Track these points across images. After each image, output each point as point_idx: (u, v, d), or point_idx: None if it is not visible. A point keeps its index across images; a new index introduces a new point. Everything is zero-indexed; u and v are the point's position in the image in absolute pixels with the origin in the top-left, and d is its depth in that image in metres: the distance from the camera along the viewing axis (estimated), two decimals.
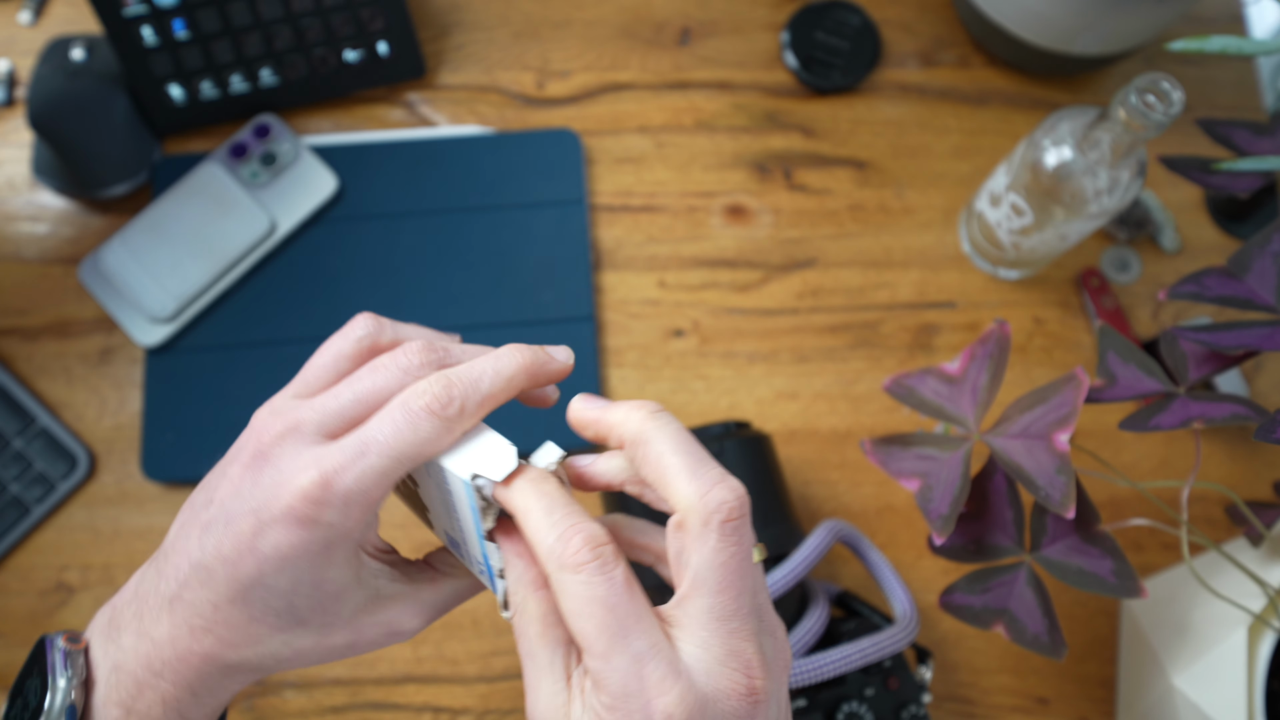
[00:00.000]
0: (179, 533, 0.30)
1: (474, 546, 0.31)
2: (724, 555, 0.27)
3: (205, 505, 0.30)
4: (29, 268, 0.59)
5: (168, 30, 0.57)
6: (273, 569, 0.28)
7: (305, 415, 0.29)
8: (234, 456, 0.30)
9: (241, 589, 0.28)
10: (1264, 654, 0.43)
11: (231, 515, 0.28)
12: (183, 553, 0.29)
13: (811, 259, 0.61)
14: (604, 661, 0.26)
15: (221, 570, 0.28)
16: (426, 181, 0.61)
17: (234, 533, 0.28)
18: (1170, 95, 0.43)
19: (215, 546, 0.28)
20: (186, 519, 0.30)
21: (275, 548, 0.28)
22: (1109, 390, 0.44)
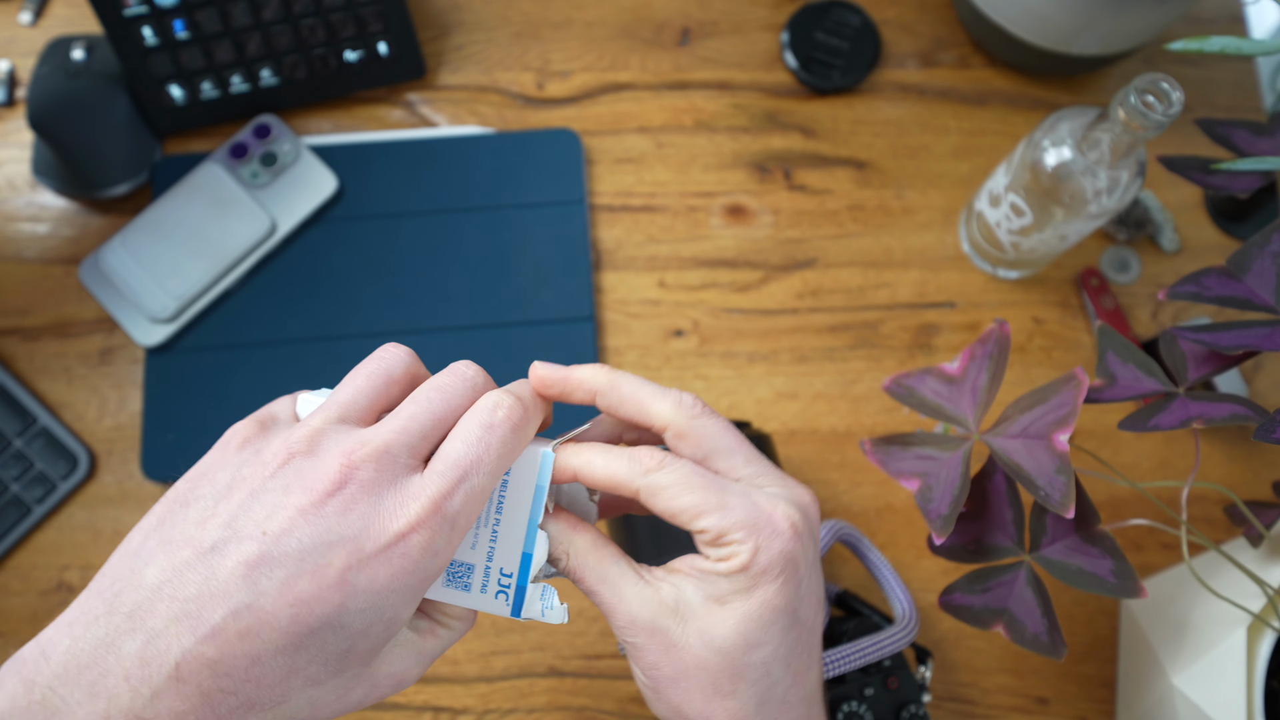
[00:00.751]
0: (163, 578, 0.25)
1: (508, 551, 0.31)
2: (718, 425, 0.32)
3: (232, 534, 0.26)
4: (29, 268, 0.59)
5: (168, 30, 0.57)
6: (361, 605, 0.26)
7: (391, 439, 0.28)
8: (286, 479, 0.27)
9: (304, 634, 0.26)
10: (1263, 654, 0.43)
11: (309, 548, 0.25)
12: (190, 596, 0.25)
13: (811, 259, 0.61)
14: (722, 510, 0.30)
15: (286, 613, 0.25)
16: (426, 181, 0.61)
17: (315, 568, 0.25)
18: (1170, 95, 0.43)
19: (281, 586, 0.25)
20: (182, 558, 0.26)
21: (373, 580, 0.26)
22: (1109, 390, 0.44)
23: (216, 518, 0.26)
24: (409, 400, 0.29)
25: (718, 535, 0.30)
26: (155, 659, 0.25)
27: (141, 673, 0.24)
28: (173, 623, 0.25)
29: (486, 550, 0.31)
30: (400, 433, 0.28)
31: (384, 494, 0.27)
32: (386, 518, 0.26)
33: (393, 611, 0.27)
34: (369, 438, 0.27)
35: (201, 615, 0.25)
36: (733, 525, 0.30)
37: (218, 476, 0.28)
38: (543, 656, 0.54)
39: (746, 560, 0.30)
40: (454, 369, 0.30)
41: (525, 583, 0.31)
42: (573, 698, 0.53)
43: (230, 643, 0.25)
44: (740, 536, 0.30)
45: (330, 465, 0.27)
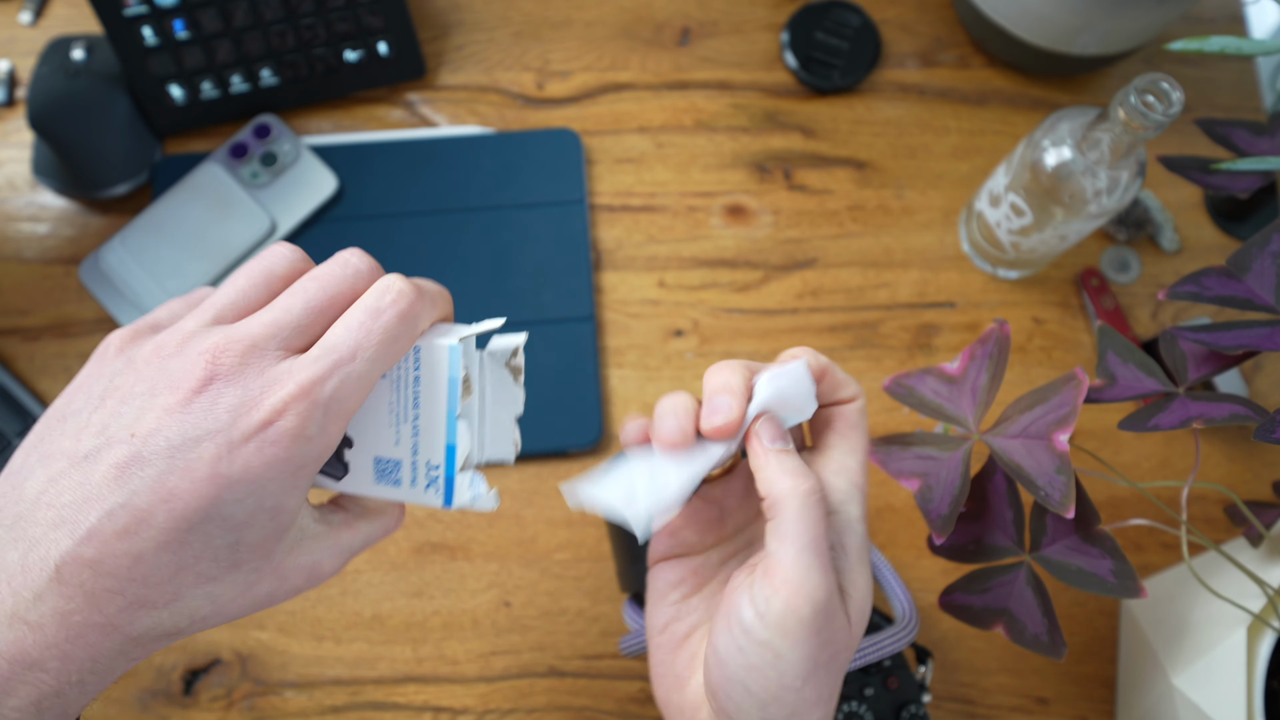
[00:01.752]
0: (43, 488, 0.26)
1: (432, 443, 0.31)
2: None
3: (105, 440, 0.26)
4: (29, 268, 0.59)
5: (168, 30, 0.57)
6: (237, 494, 0.26)
7: (259, 331, 0.27)
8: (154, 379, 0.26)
9: (184, 529, 0.25)
10: (1263, 654, 0.43)
11: (177, 445, 0.25)
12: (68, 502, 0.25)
13: (811, 259, 0.61)
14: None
15: (161, 510, 0.25)
16: (426, 181, 0.61)
17: (185, 463, 0.25)
18: (1170, 95, 0.43)
19: (153, 484, 0.25)
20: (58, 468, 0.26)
21: (246, 469, 0.25)
22: (1109, 390, 0.44)
23: (90, 427, 0.26)
24: (285, 293, 0.28)
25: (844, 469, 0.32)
26: (35, 564, 0.25)
27: (23, 578, 0.25)
28: (51, 529, 0.25)
29: (410, 445, 0.31)
30: (269, 325, 0.27)
31: (249, 383, 0.26)
32: (252, 406, 0.26)
33: (273, 500, 0.26)
34: (236, 332, 0.27)
35: (78, 519, 0.25)
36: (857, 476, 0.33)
37: (92, 388, 0.28)
38: (543, 656, 0.54)
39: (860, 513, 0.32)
40: (338, 257, 0.29)
41: (453, 473, 0.31)
42: (573, 698, 0.53)
43: (109, 542, 0.25)
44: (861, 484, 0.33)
45: (195, 362, 0.26)
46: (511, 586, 0.55)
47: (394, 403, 0.31)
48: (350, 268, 0.29)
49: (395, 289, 0.29)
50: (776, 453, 0.30)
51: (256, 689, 0.53)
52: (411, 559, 0.55)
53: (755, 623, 0.28)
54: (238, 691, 0.53)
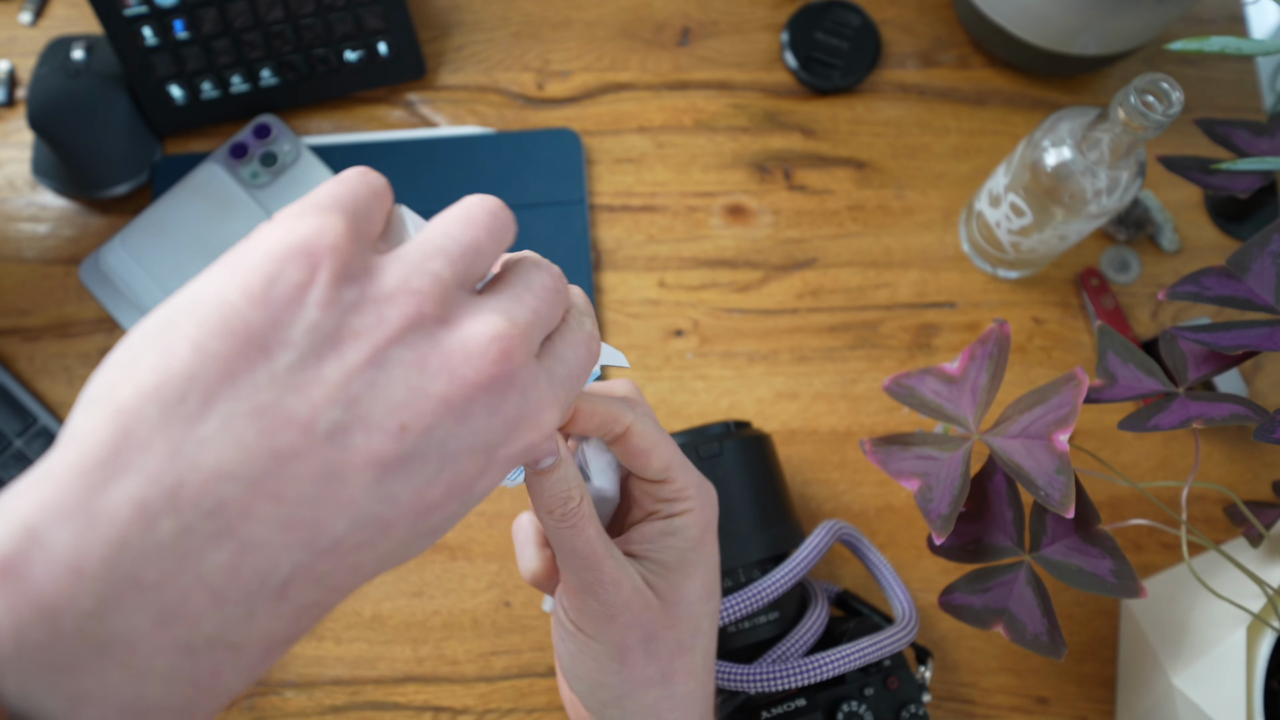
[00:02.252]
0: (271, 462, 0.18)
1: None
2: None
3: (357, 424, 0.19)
4: (29, 268, 0.59)
5: (168, 30, 0.57)
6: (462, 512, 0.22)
7: (532, 328, 0.22)
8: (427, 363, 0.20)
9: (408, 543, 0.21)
10: (1263, 654, 0.43)
11: (449, 454, 0.20)
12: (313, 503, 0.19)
13: (811, 259, 0.61)
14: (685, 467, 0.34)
15: (405, 524, 0.20)
16: (426, 181, 0.61)
17: (450, 476, 0.20)
18: (1170, 95, 0.43)
19: (414, 495, 0.20)
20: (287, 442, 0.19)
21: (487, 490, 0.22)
22: (1108, 390, 0.44)
23: (323, 386, 0.19)
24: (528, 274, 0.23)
25: (680, 489, 0.33)
26: (255, 575, 0.18)
27: (235, 589, 0.18)
28: (279, 530, 0.19)
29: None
30: (535, 321, 0.22)
31: (530, 395, 0.22)
32: (526, 424, 0.22)
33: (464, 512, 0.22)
34: (520, 324, 0.22)
35: (320, 525, 0.19)
36: (690, 483, 0.33)
37: (310, 312, 0.19)
38: (543, 656, 0.54)
39: (700, 518, 0.33)
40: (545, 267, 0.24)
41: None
42: None
43: (344, 556, 0.20)
44: (693, 494, 0.33)
45: (485, 351, 0.21)
46: (511, 586, 0.55)
47: None
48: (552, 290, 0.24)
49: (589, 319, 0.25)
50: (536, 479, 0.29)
51: (256, 689, 0.53)
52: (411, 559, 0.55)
53: (564, 616, 0.32)
54: None
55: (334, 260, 0.20)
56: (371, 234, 0.22)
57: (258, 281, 0.19)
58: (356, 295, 0.20)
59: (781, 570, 0.44)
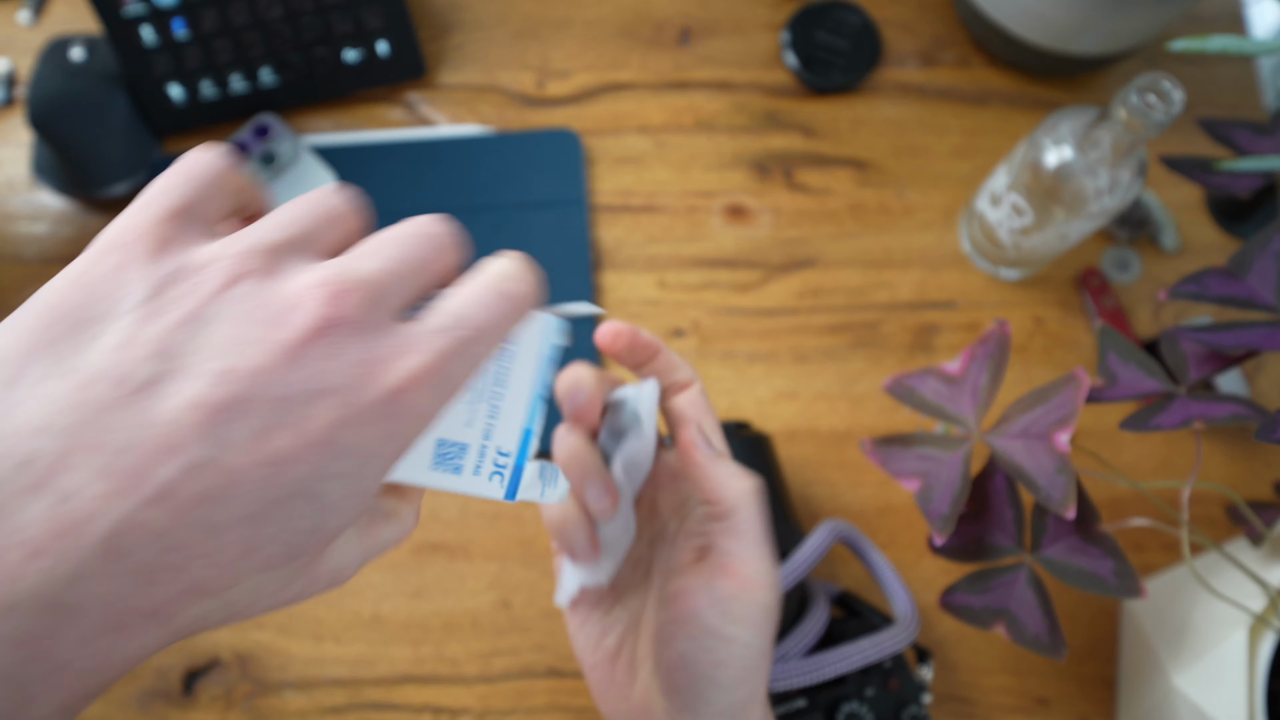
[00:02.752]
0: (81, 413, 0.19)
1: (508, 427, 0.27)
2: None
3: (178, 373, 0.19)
4: (29, 268, 0.59)
5: (168, 30, 0.57)
6: (339, 470, 0.21)
7: (380, 279, 0.22)
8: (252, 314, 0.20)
9: (272, 503, 0.20)
10: (1264, 654, 0.43)
11: (289, 396, 0.20)
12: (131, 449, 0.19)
13: (811, 259, 0.61)
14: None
15: (256, 474, 0.20)
16: (426, 181, 0.61)
17: (296, 419, 0.20)
18: (1170, 95, 0.43)
19: (254, 439, 0.20)
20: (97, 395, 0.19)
21: (360, 443, 0.21)
22: (1109, 390, 0.44)
23: (139, 344, 0.19)
24: (387, 240, 0.23)
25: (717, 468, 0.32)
26: (75, 528, 0.18)
27: (57, 546, 0.18)
28: (96, 479, 0.18)
29: (484, 428, 0.26)
30: (387, 273, 0.22)
31: (377, 339, 0.21)
32: (380, 368, 0.21)
33: (370, 482, 0.22)
34: (353, 273, 0.21)
35: (142, 472, 0.18)
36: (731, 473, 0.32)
37: (124, 290, 0.20)
38: (543, 657, 0.54)
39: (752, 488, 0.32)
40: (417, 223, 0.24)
41: (524, 461, 0.27)
42: (573, 698, 0.53)
43: (185, 508, 0.19)
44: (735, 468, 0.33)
45: (309, 296, 0.21)
46: (511, 586, 0.55)
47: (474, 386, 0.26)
48: (433, 236, 0.24)
49: (521, 276, 0.24)
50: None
51: (256, 689, 0.53)
52: (411, 559, 0.55)
53: (719, 621, 0.30)
54: (237, 692, 0.53)
55: (146, 242, 0.21)
56: (206, 214, 0.22)
57: (76, 269, 0.21)
58: (175, 266, 0.21)
59: (782, 570, 0.44)
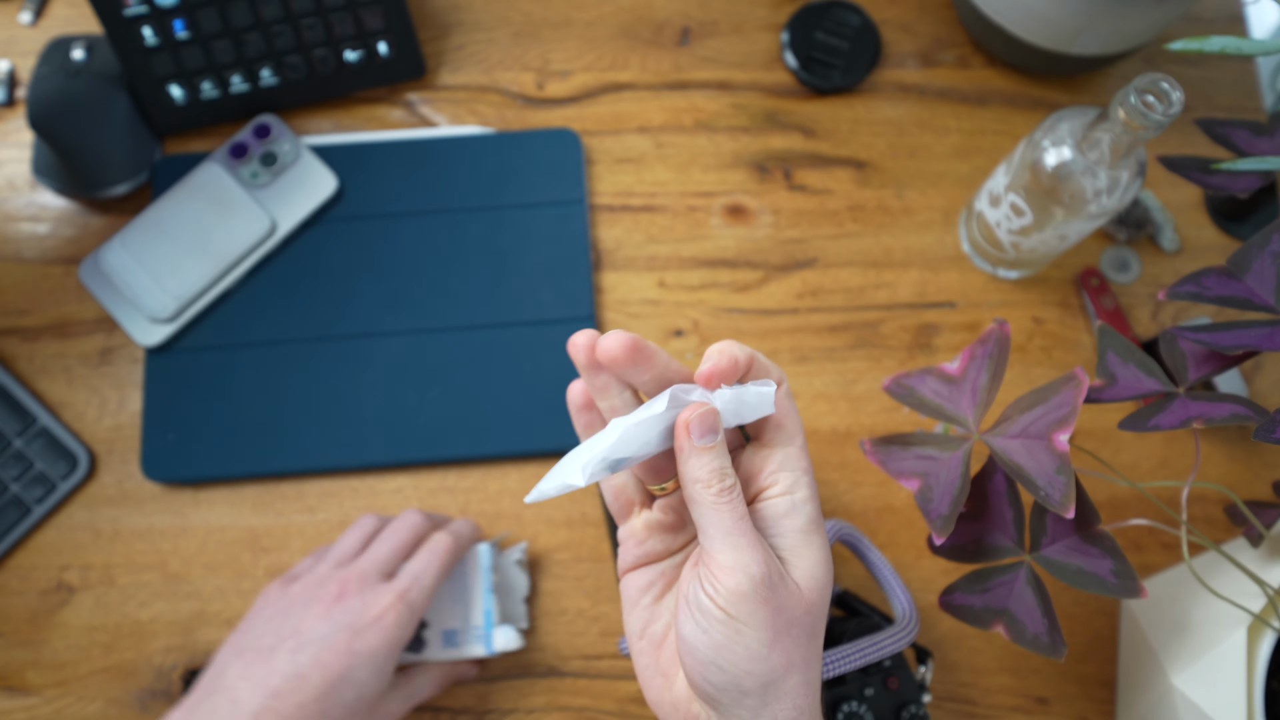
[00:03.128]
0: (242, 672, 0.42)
1: (475, 612, 0.51)
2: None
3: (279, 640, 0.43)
4: (29, 268, 0.59)
5: (168, 30, 0.57)
6: (362, 663, 0.43)
7: (367, 567, 0.46)
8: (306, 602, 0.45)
9: (328, 687, 0.42)
10: (1264, 654, 0.43)
11: (325, 635, 0.43)
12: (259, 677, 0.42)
13: (811, 259, 0.61)
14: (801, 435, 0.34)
15: (315, 673, 0.42)
16: (426, 181, 0.61)
17: (331, 644, 0.43)
18: (1170, 95, 0.43)
19: (312, 658, 0.42)
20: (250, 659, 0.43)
21: (367, 647, 0.43)
22: (1109, 390, 0.44)
23: (268, 634, 0.44)
24: (376, 541, 0.48)
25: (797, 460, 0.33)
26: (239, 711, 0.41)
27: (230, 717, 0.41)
28: (250, 692, 0.42)
29: (464, 616, 0.51)
30: (373, 563, 0.47)
31: (366, 595, 0.45)
32: (371, 607, 0.44)
33: (382, 665, 0.44)
34: (355, 569, 0.46)
35: (266, 683, 0.42)
36: (803, 466, 0.33)
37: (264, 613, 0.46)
38: (543, 657, 0.54)
39: (814, 497, 0.33)
40: (405, 517, 0.50)
41: (490, 629, 0.50)
42: (573, 698, 0.53)
43: (284, 696, 0.41)
44: (807, 468, 0.33)
45: (331, 587, 0.45)
46: None
47: (454, 595, 0.51)
48: (413, 526, 0.49)
49: (444, 543, 0.48)
50: (697, 451, 0.31)
51: None
52: None
53: (709, 603, 0.31)
54: None
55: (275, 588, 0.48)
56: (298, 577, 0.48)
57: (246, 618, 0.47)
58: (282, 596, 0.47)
59: None
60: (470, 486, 0.57)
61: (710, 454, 0.31)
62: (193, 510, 0.56)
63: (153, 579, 0.54)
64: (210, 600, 0.54)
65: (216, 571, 0.55)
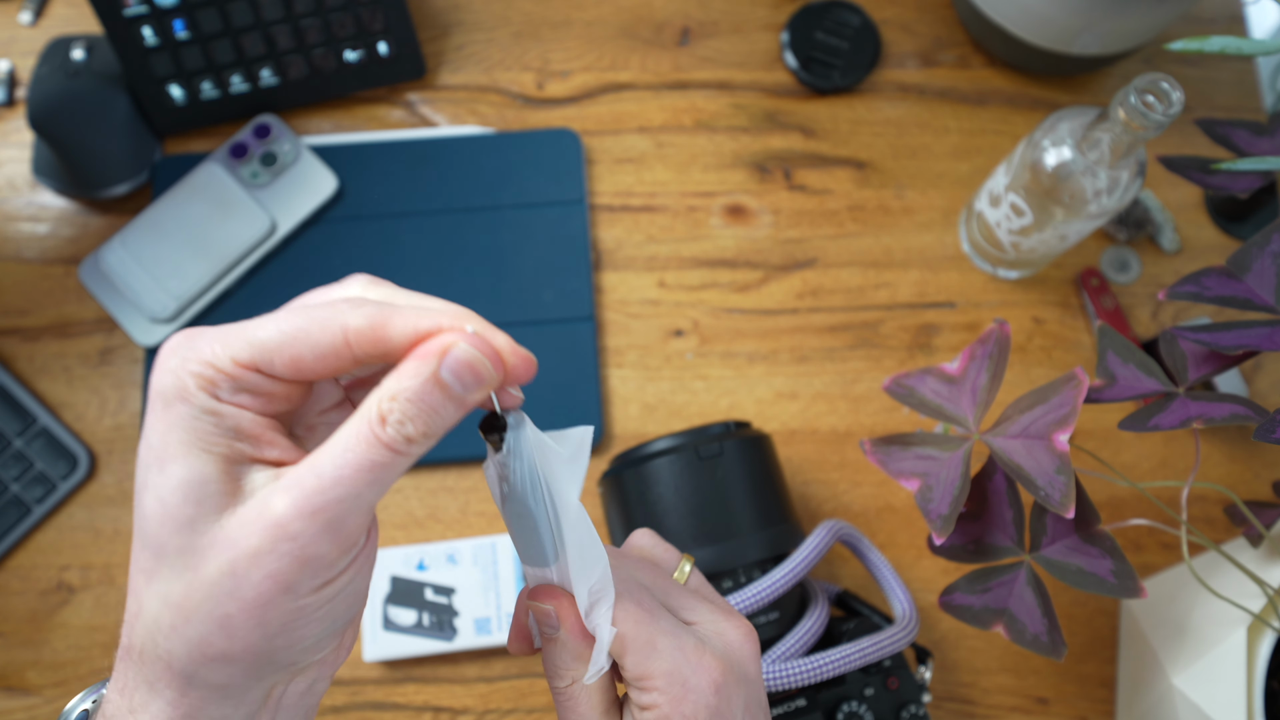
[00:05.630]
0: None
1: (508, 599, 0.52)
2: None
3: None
4: (29, 268, 0.59)
5: (168, 30, 0.57)
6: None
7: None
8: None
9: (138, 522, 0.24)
10: (1263, 654, 0.43)
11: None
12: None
13: (811, 259, 0.61)
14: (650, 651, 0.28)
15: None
16: (426, 181, 0.61)
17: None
18: (1170, 95, 0.43)
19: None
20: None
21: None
22: (1109, 390, 0.44)
23: None
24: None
25: (639, 677, 0.28)
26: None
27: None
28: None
29: (496, 605, 0.52)
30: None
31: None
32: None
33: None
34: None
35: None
36: (656, 672, 0.28)
37: None
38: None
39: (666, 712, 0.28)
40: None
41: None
42: None
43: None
44: (662, 686, 0.28)
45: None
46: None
47: (485, 584, 0.52)
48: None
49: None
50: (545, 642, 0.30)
51: None
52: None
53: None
54: None
55: None
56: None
57: None
58: None
59: (781, 570, 0.44)
60: (470, 486, 0.57)
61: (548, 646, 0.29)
62: None
63: None
64: None
65: None
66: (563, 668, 0.29)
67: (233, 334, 0.24)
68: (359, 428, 0.23)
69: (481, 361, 0.24)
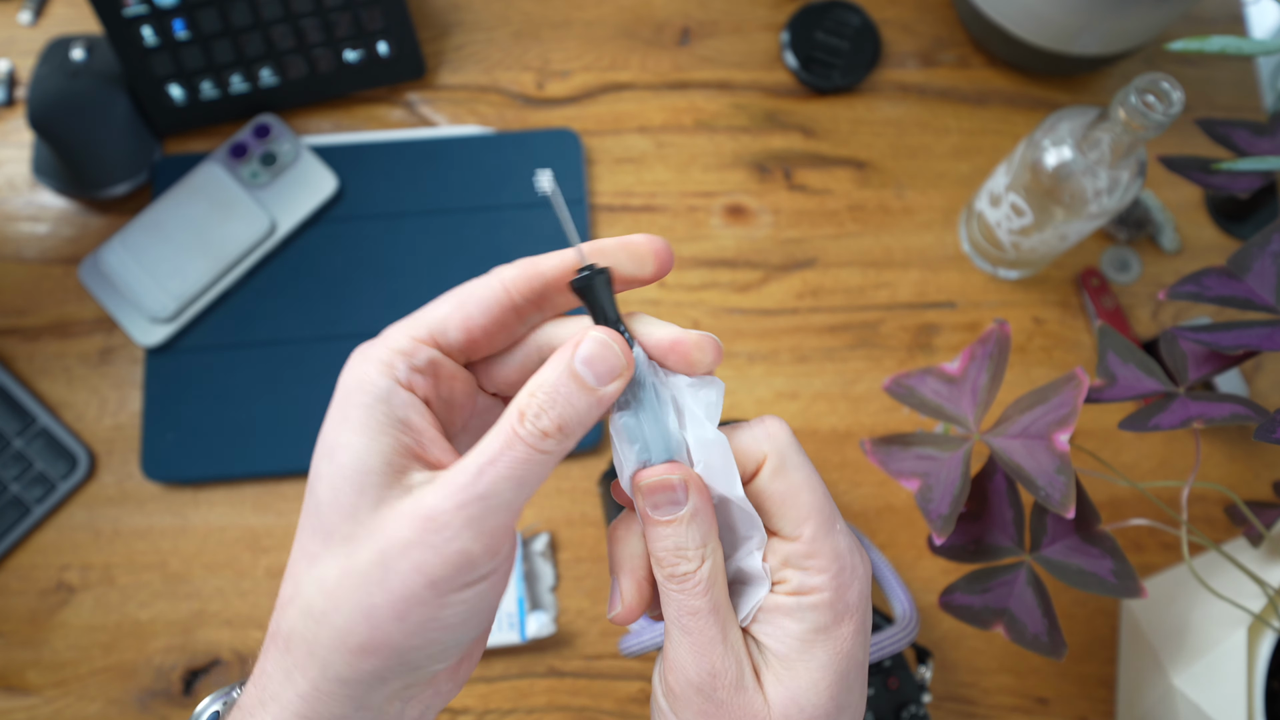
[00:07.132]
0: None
1: (509, 599, 0.53)
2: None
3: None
4: (29, 268, 0.59)
5: (168, 30, 0.57)
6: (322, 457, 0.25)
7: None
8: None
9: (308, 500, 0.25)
10: (1264, 654, 0.43)
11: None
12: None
13: (811, 259, 0.61)
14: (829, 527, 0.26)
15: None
16: (426, 181, 0.61)
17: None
18: (1170, 95, 0.43)
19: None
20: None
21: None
22: (1109, 390, 0.44)
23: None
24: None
25: (810, 554, 0.26)
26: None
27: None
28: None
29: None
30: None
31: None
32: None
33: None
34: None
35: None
36: (830, 552, 0.26)
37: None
38: (543, 657, 0.54)
39: (833, 603, 0.26)
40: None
41: (524, 616, 0.52)
42: (573, 698, 0.53)
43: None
44: (832, 568, 0.26)
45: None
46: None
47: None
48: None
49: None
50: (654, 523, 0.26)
51: None
52: None
53: (657, 690, 0.28)
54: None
55: None
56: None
57: None
58: None
59: None
60: None
61: (669, 528, 0.26)
62: (193, 510, 0.56)
63: (153, 579, 0.54)
64: (210, 600, 0.54)
65: (216, 571, 0.55)
66: (691, 547, 0.26)
67: (411, 317, 0.27)
68: (503, 426, 0.25)
69: (610, 348, 0.26)
